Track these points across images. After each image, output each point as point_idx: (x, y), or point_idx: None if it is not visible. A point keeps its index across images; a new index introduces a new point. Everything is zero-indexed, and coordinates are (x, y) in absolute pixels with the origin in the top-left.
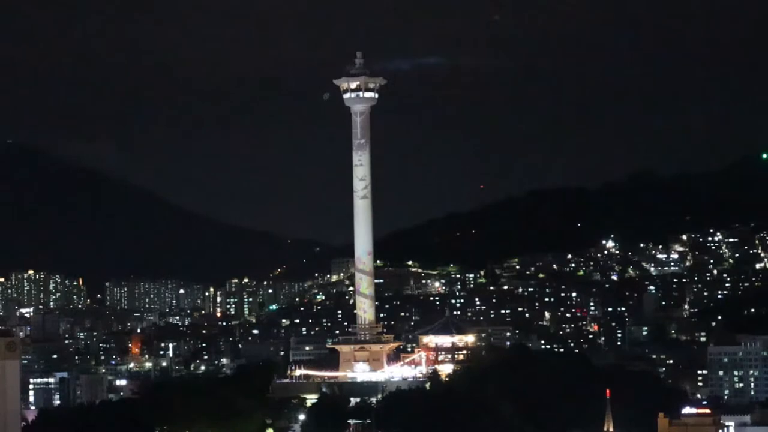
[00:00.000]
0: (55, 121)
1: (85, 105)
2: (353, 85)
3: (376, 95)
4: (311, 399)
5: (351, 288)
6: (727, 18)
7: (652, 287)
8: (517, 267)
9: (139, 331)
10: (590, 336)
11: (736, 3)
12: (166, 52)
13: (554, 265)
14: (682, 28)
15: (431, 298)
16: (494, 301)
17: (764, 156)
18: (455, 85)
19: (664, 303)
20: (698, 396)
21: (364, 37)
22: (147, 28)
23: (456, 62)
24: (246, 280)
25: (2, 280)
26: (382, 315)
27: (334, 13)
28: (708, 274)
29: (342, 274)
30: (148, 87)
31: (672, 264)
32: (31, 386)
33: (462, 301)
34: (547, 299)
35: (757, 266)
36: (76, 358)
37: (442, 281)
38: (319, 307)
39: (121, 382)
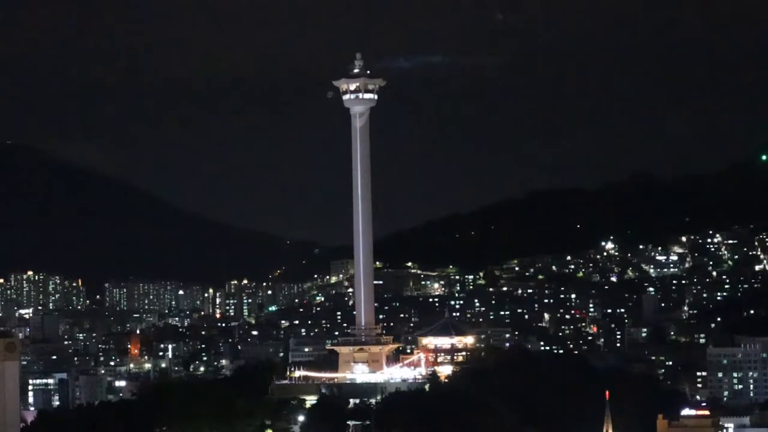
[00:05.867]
0: (55, 122)
1: (84, 105)
2: (353, 87)
3: (376, 96)
4: (311, 400)
5: (350, 289)
6: (726, 18)
7: (651, 289)
8: (517, 268)
9: (138, 332)
10: (589, 337)
11: (735, 7)
12: (166, 51)
13: (553, 267)
14: (681, 29)
15: (430, 300)
16: (493, 302)
17: (763, 158)
18: (455, 85)
19: (663, 304)
20: (697, 397)
21: (364, 37)
22: (147, 28)
23: (456, 61)
24: (245, 282)
25: (2, 281)
26: (381, 316)
27: (335, 13)
28: (707, 276)
29: (341, 276)
30: (148, 87)
31: (671, 265)
32: (30, 387)
33: (461, 302)
34: (546, 301)
35: (757, 268)
36: (76, 359)
37: (442, 282)
38: (318, 309)
39: (121, 383)
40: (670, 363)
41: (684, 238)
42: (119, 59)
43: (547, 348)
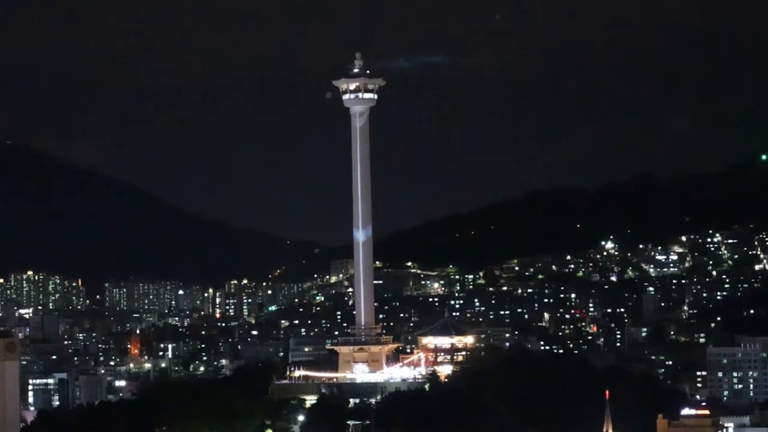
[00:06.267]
0: (55, 122)
1: (84, 105)
2: (352, 86)
3: (375, 96)
4: (310, 400)
5: (350, 289)
6: (726, 19)
7: (651, 288)
8: (517, 268)
9: (138, 332)
10: (589, 337)
11: (736, 7)
12: (166, 51)
13: (553, 266)
14: (682, 30)
15: (430, 299)
16: (493, 302)
17: (763, 157)
18: (455, 85)
19: (663, 304)
20: (697, 397)
21: (365, 37)
22: (147, 27)
23: (456, 61)
24: (245, 281)
25: (1, 281)
26: (381, 316)
27: (335, 13)
28: (707, 276)
29: (341, 275)
30: (147, 87)
31: (671, 265)
32: (30, 387)
33: (461, 302)
34: (546, 300)
35: (757, 267)
36: (76, 359)
37: (442, 282)
38: (318, 308)
39: (121, 383)
40: (670, 363)
41: (684, 238)
42: (119, 59)
43: (547, 348)
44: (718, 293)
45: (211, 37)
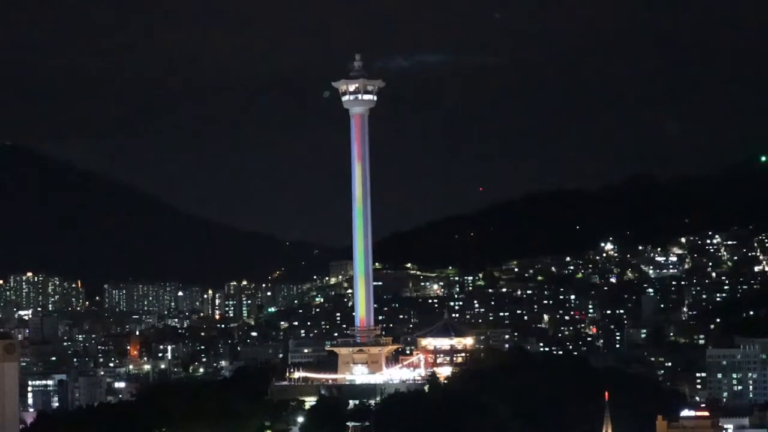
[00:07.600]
0: (55, 122)
1: (84, 106)
2: (352, 88)
3: (375, 97)
4: (310, 401)
5: (350, 290)
6: (727, 22)
7: (650, 290)
8: (516, 269)
9: (137, 333)
10: (589, 338)
11: (735, 8)
12: (166, 53)
13: (553, 268)
14: (681, 31)
15: (430, 301)
16: (493, 303)
17: (763, 159)
18: (455, 85)
19: (662, 306)
20: (697, 399)
21: (364, 37)
22: (147, 29)
23: (456, 61)
24: (245, 283)
25: (1, 282)
26: (380, 317)
27: (335, 13)
28: (707, 277)
29: (340, 277)
30: (147, 88)
31: (671, 267)
32: (29, 388)
33: (461, 303)
34: (545, 302)
35: (756, 269)
36: (75, 360)
37: (441, 284)
38: (317, 310)
39: (120, 385)
40: (670, 364)
41: (683, 239)
42: (119, 59)
43: (547, 349)
44: (718, 295)
45: (211, 38)
